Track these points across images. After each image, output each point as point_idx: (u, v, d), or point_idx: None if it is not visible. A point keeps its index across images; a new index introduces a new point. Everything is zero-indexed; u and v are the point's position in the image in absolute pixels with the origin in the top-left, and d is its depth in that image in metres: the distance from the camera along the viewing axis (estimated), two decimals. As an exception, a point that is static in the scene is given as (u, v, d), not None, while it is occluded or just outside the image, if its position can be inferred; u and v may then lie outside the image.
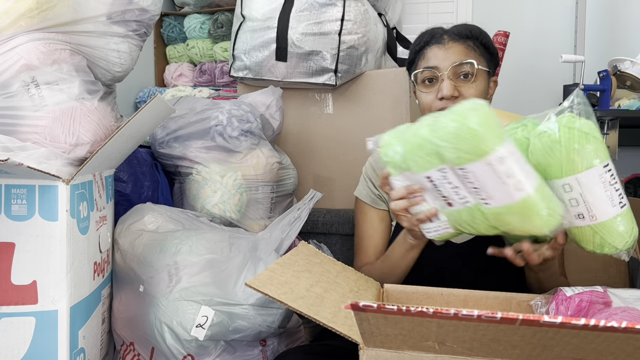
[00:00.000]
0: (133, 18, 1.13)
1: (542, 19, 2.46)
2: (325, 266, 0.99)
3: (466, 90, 1.07)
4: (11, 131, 0.96)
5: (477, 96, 1.07)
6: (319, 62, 1.57)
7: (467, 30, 1.11)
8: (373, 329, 0.62)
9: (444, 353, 0.64)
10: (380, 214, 1.21)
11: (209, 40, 2.37)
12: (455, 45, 1.09)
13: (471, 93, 1.07)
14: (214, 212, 1.35)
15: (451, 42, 1.09)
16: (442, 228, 0.87)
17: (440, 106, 1.07)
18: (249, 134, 1.39)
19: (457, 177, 0.76)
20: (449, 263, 1.09)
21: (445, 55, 1.08)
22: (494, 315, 0.48)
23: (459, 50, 1.08)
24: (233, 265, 1.11)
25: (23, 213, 0.91)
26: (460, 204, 0.80)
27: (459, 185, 0.77)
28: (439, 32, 1.12)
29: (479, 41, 1.11)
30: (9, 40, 0.95)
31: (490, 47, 1.12)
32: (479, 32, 1.12)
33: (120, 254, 1.16)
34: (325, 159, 1.73)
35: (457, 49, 1.08)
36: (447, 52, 1.08)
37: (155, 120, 1.14)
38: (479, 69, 1.07)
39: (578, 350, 0.55)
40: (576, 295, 0.80)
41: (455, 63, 1.07)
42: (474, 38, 1.10)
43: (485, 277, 1.07)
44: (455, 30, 1.11)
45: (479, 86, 1.08)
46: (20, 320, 0.91)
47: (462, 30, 1.11)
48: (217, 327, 1.05)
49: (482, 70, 1.09)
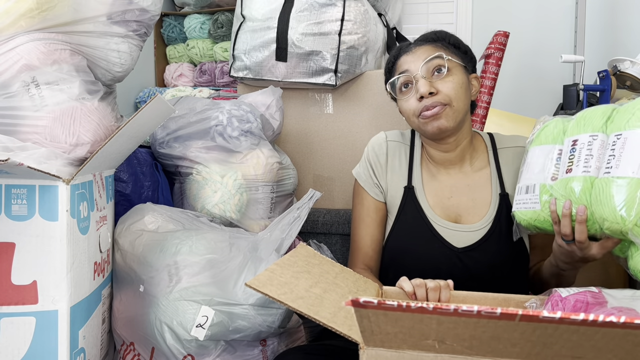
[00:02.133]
0: (133, 18, 1.13)
1: (542, 19, 2.46)
2: (324, 267, 0.99)
3: (442, 84, 1.06)
4: (11, 131, 0.96)
5: (455, 89, 1.06)
6: (319, 62, 1.57)
7: (433, 34, 1.14)
8: (373, 327, 0.62)
9: (443, 352, 0.64)
10: (377, 204, 1.18)
11: (209, 41, 2.37)
12: (422, 47, 1.11)
13: (448, 87, 1.06)
14: (214, 212, 1.35)
15: (418, 47, 1.12)
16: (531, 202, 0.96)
17: (421, 108, 1.07)
18: (249, 134, 1.39)
19: (600, 146, 0.86)
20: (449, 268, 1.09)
21: (414, 58, 1.10)
22: (494, 311, 0.48)
23: (427, 50, 1.10)
24: (233, 265, 1.11)
25: (23, 213, 0.91)
26: (580, 172, 0.87)
27: (594, 155, 0.86)
28: (406, 44, 1.17)
29: (447, 41, 1.13)
30: (9, 40, 0.95)
31: (460, 45, 1.14)
32: (444, 34, 1.14)
33: (120, 254, 1.16)
34: (325, 159, 1.73)
35: (424, 49, 1.11)
36: (415, 55, 1.11)
37: (156, 120, 1.14)
38: (449, 60, 1.08)
39: (577, 347, 0.55)
40: (571, 295, 0.80)
41: (425, 60, 1.08)
42: (441, 39, 1.13)
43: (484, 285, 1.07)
44: (421, 37, 1.15)
45: (456, 79, 1.07)
46: (20, 320, 0.91)
47: (428, 35, 1.15)
48: (217, 327, 1.05)
49: (456, 63, 1.09)
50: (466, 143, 1.14)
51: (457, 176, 1.15)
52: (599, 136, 0.88)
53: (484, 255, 1.07)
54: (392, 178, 1.17)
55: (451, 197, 1.13)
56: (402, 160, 1.18)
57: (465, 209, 1.12)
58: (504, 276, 1.08)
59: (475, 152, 1.17)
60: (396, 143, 1.20)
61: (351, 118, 1.69)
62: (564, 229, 0.88)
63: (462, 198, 1.13)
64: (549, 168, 0.95)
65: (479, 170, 1.15)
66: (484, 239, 1.08)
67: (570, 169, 0.89)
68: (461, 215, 1.12)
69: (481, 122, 2.04)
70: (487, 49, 2.06)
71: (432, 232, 1.10)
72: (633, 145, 0.80)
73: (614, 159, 0.81)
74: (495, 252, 1.07)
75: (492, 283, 1.06)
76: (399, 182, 1.17)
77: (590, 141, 0.88)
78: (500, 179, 1.13)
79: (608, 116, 0.89)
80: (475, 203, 1.12)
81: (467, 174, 1.15)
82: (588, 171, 0.86)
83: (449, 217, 1.12)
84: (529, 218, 0.97)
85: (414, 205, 1.13)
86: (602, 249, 0.87)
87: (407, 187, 1.15)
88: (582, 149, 0.89)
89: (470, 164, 1.15)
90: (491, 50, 2.04)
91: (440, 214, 1.12)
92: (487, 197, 1.12)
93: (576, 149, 0.90)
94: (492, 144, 1.17)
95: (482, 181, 1.14)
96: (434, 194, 1.14)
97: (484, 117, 2.03)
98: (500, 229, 1.08)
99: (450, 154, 1.14)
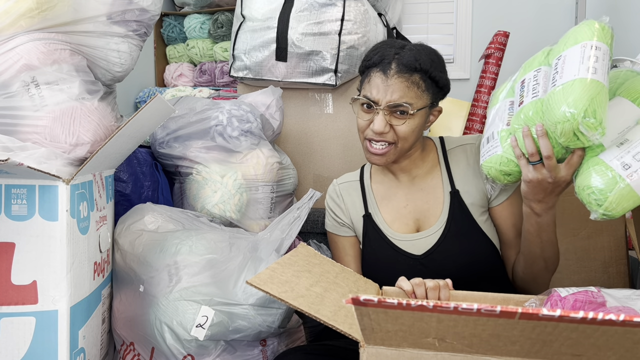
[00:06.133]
0: (133, 18, 1.14)
1: (542, 19, 2.46)
2: (324, 267, 0.99)
3: (399, 128, 1.06)
4: (11, 131, 0.96)
5: (408, 132, 1.07)
6: (319, 62, 1.57)
7: (417, 62, 1.05)
8: (374, 325, 0.62)
9: (443, 350, 0.64)
10: (349, 240, 1.22)
11: (209, 40, 2.37)
12: (397, 81, 1.04)
13: (403, 129, 1.06)
14: (214, 212, 1.35)
15: (395, 76, 1.05)
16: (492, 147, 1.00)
17: (371, 136, 1.09)
18: (249, 134, 1.39)
19: (545, 75, 0.92)
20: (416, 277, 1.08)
21: (385, 89, 1.05)
22: (494, 309, 0.48)
23: (400, 88, 1.04)
24: (233, 265, 1.11)
25: (23, 213, 0.91)
26: (529, 99, 0.93)
27: (540, 83, 0.92)
28: (389, 56, 1.07)
29: (427, 75, 1.06)
30: (9, 40, 0.95)
31: (439, 81, 1.08)
32: (428, 65, 1.05)
33: (120, 254, 1.16)
34: (325, 159, 1.73)
35: (398, 86, 1.04)
36: (387, 87, 1.05)
37: (155, 120, 1.14)
38: (414, 106, 1.05)
39: (577, 345, 0.55)
40: (571, 295, 0.80)
41: (391, 102, 1.05)
42: (422, 71, 1.05)
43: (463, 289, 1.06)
44: (404, 60, 1.05)
45: (412, 124, 1.06)
46: (20, 320, 0.91)
47: (410, 61, 1.05)
48: (217, 327, 1.05)
49: (420, 109, 1.07)
50: (417, 154, 1.16)
51: (410, 182, 1.17)
52: (542, 68, 0.94)
53: (444, 255, 1.09)
54: (353, 213, 1.21)
55: (407, 206, 1.16)
56: (355, 195, 1.22)
57: (421, 212, 1.14)
58: (479, 276, 1.08)
59: (426, 156, 1.18)
60: (346, 184, 1.25)
61: (351, 118, 1.69)
62: (529, 149, 0.90)
63: (417, 203, 1.15)
64: (504, 117, 1.01)
65: (430, 172, 1.17)
66: (440, 240, 1.09)
67: (521, 102, 0.95)
68: (419, 219, 1.14)
69: (481, 122, 2.04)
70: (487, 49, 2.06)
71: (393, 248, 1.13)
72: (572, 57, 0.85)
73: (558, 74, 0.86)
74: (456, 251, 1.08)
75: (469, 286, 1.04)
76: (358, 213, 1.20)
77: (536, 75, 0.95)
78: (450, 177, 1.14)
79: (547, 52, 0.96)
80: (430, 205, 1.14)
81: (419, 178, 1.17)
82: (537, 95, 0.92)
83: (408, 227, 1.14)
84: (494, 164, 0.99)
85: (373, 229, 1.17)
86: (569, 167, 0.89)
87: (364, 215, 1.19)
88: (529, 83, 0.95)
89: (422, 168, 1.17)
90: (491, 50, 2.05)
91: (400, 227, 1.15)
92: (439, 198, 1.13)
93: (524, 86, 0.96)
94: (442, 146, 1.19)
95: (434, 182, 1.15)
96: (390, 210, 1.17)
97: (483, 117, 2.03)
98: (456, 226, 1.10)
99: (401, 164, 1.16)
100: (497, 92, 1.09)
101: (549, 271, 1.05)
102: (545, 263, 1.03)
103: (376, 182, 1.22)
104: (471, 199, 1.11)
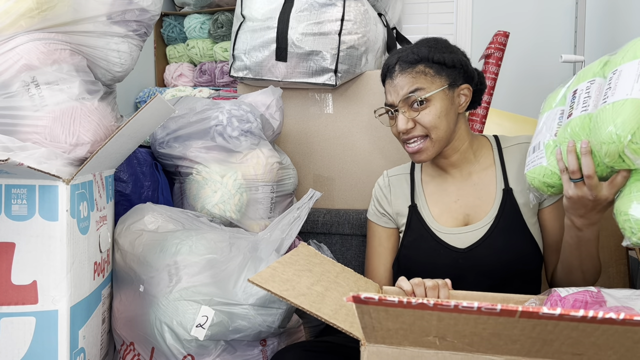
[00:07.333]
0: (133, 18, 1.14)
1: (542, 19, 2.46)
2: (325, 266, 0.99)
3: (422, 117, 1.08)
4: (11, 131, 0.96)
5: (433, 119, 1.07)
6: (319, 62, 1.57)
7: (415, 55, 1.09)
8: (374, 323, 0.62)
9: (444, 349, 0.64)
10: (387, 231, 1.23)
11: (209, 40, 2.37)
12: (401, 77, 1.09)
13: (427, 119, 1.07)
14: (214, 212, 1.35)
15: (399, 75, 1.10)
16: (537, 158, 0.97)
17: (402, 137, 1.12)
18: (249, 134, 1.39)
19: (598, 87, 0.88)
20: (455, 270, 1.09)
21: (395, 90, 1.10)
22: (494, 307, 0.48)
23: (406, 82, 1.08)
24: (233, 265, 1.11)
25: (23, 213, 0.91)
26: (579, 112, 0.89)
27: (592, 96, 0.88)
28: (392, 62, 1.12)
29: (430, 61, 1.08)
30: (9, 40, 0.95)
31: (445, 60, 1.09)
32: (426, 52, 1.08)
33: (120, 253, 1.16)
34: (325, 159, 1.73)
35: (403, 81, 1.09)
36: (395, 87, 1.10)
37: (155, 120, 1.14)
38: (427, 90, 1.07)
39: (577, 344, 0.55)
40: (570, 295, 0.80)
41: (402, 97, 1.08)
42: (424, 60, 1.08)
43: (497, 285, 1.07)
44: (404, 57, 1.10)
45: (434, 109, 1.07)
46: (20, 320, 0.91)
47: (409, 55, 1.09)
48: (217, 327, 1.05)
49: (435, 92, 1.08)
50: (465, 147, 1.16)
51: (462, 177, 1.17)
52: (597, 80, 0.89)
53: (489, 250, 1.08)
54: (398, 203, 1.22)
55: (457, 200, 1.16)
56: (405, 187, 1.24)
57: (472, 207, 1.14)
58: (516, 274, 1.08)
59: (480, 151, 1.18)
60: (396, 176, 1.27)
61: (351, 118, 1.69)
62: (571, 165, 0.87)
63: (468, 198, 1.15)
64: (552, 127, 0.97)
65: (485, 168, 1.17)
66: (487, 235, 1.09)
67: (570, 114, 0.91)
68: (469, 214, 1.14)
69: (481, 122, 2.04)
70: (487, 49, 2.06)
71: (436, 240, 1.13)
72: (628, 73, 0.81)
73: (610, 90, 0.82)
74: (500, 247, 1.07)
75: (504, 282, 1.06)
76: (404, 204, 1.21)
77: (589, 86, 0.90)
78: (505, 175, 1.14)
79: (605, 62, 0.91)
80: (482, 201, 1.14)
81: (473, 173, 1.17)
82: (586, 109, 0.87)
83: (456, 221, 1.14)
84: (537, 175, 0.97)
85: (417, 220, 1.17)
86: (612, 187, 0.85)
87: (411, 206, 1.20)
88: (581, 95, 0.91)
89: (476, 163, 1.17)
90: (491, 50, 2.04)
91: (447, 221, 1.15)
92: (491, 194, 1.13)
93: (576, 97, 0.92)
94: (497, 144, 1.19)
95: (488, 179, 1.15)
96: (439, 204, 1.17)
97: (484, 117, 2.03)
98: (505, 223, 1.09)
99: (450, 159, 1.17)
100: (551, 96, 1.04)
101: (587, 282, 1.03)
102: (583, 275, 1.01)
103: (427, 175, 1.23)
104: (524, 199, 1.10)
